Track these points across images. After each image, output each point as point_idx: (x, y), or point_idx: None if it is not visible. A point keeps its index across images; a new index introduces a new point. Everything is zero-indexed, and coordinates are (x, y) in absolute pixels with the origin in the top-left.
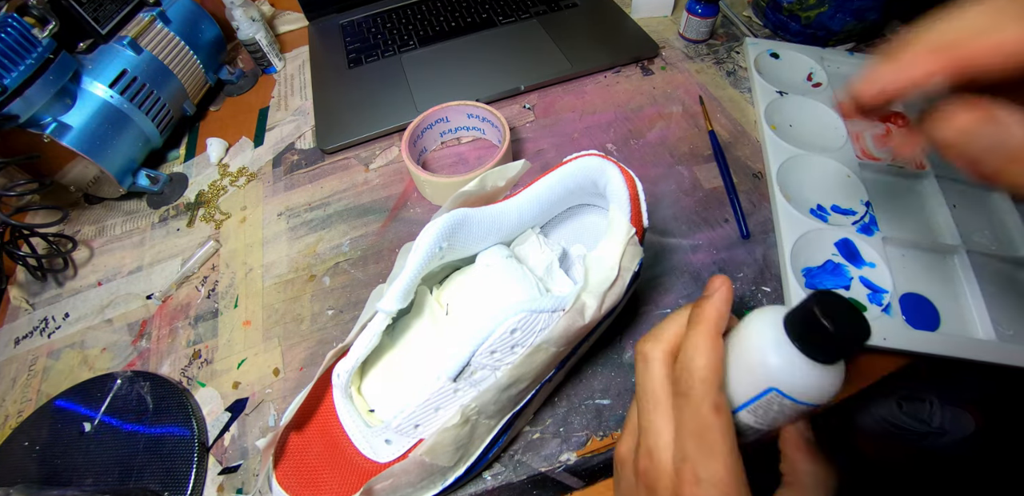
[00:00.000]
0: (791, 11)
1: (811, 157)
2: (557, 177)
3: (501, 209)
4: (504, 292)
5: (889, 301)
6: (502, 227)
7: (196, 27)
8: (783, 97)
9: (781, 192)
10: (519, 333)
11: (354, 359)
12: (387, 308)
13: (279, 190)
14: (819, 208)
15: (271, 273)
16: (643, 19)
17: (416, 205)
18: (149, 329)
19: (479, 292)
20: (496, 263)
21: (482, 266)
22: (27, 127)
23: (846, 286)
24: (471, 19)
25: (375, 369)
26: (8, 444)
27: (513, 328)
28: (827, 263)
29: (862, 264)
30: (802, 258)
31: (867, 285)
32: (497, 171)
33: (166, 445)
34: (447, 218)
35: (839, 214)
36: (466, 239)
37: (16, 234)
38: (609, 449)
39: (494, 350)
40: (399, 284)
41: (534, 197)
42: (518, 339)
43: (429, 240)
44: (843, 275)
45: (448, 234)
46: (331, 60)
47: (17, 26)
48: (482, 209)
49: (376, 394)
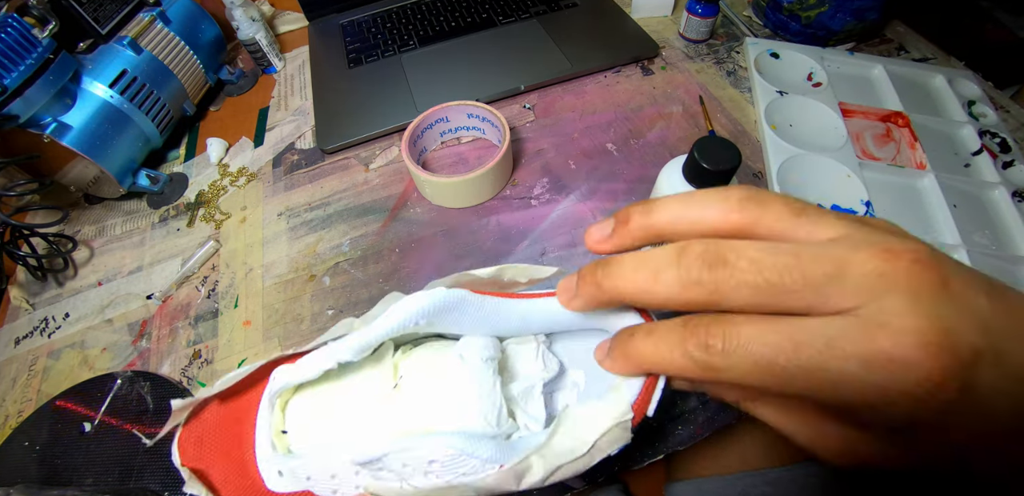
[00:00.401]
0: (791, 11)
1: (811, 157)
2: (581, 308)
3: (508, 306)
4: (456, 404)
5: None
6: (498, 324)
7: (196, 27)
8: (783, 97)
9: (781, 192)
10: (437, 465)
11: (295, 376)
12: (341, 355)
13: (279, 190)
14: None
15: (271, 273)
16: (643, 19)
17: (416, 205)
18: (149, 329)
19: (434, 387)
20: (472, 363)
21: (456, 357)
22: (27, 127)
23: None
24: (471, 19)
25: (309, 392)
26: (8, 444)
27: (432, 460)
28: None
29: None
30: None
31: None
32: (522, 269)
33: (166, 445)
34: (437, 299)
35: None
36: (453, 324)
37: (16, 234)
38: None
39: (406, 464)
40: (359, 339)
41: (553, 311)
42: (435, 469)
43: (407, 314)
44: None
45: (432, 314)
46: (331, 60)
47: (17, 26)
48: (484, 298)
49: (296, 418)
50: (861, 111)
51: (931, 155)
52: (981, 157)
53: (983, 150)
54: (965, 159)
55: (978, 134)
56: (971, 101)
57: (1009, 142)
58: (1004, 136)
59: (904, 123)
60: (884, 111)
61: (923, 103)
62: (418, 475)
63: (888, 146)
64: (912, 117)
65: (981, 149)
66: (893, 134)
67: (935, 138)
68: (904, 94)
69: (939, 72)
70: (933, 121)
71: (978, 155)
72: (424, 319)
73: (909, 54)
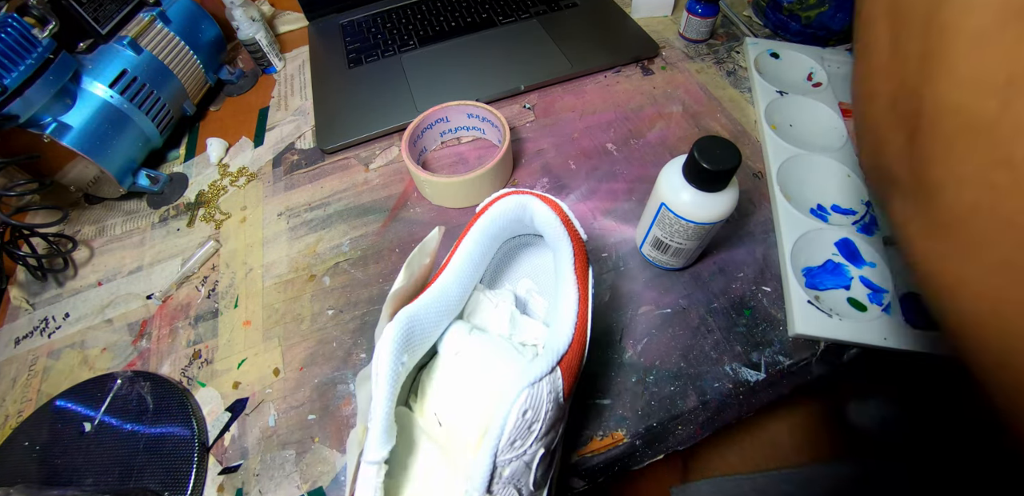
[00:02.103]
0: (791, 11)
1: (811, 157)
2: (480, 229)
3: (440, 287)
4: (491, 373)
5: (889, 301)
6: (450, 303)
7: (196, 27)
8: (783, 97)
9: (781, 192)
10: (531, 412)
11: None
12: (376, 458)
13: (279, 190)
14: (819, 208)
15: (271, 273)
16: (643, 19)
17: (416, 205)
18: (149, 329)
19: (464, 387)
20: (464, 347)
21: (450, 356)
22: (27, 127)
23: (846, 286)
24: (471, 19)
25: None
26: (8, 444)
27: (524, 409)
28: (827, 263)
29: (862, 264)
30: (802, 258)
31: (867, 285)
32: (416, 252)
33: (166, 445)
34: (394, 328)
35: (839, 214)
36: (421, 338)
37: (16, 234)
38: (609, 449)
39: (513, 440)
40: (376, 425)
41: (466, 257)
42: (531, 417)
43: (388, 362)
44: (843, 275)
45: (403, 346)
46: (331, 60)
47: (17, 26)
48: (421, 298)
49: None
50: None
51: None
52: None
53: None
54: None
55: None
56: None
57: None
58: None
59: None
60: None
61: None
62: (527, 438)
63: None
64: None
65: None
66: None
67: None
68: None
69: None
70: None
71: None
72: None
73: None
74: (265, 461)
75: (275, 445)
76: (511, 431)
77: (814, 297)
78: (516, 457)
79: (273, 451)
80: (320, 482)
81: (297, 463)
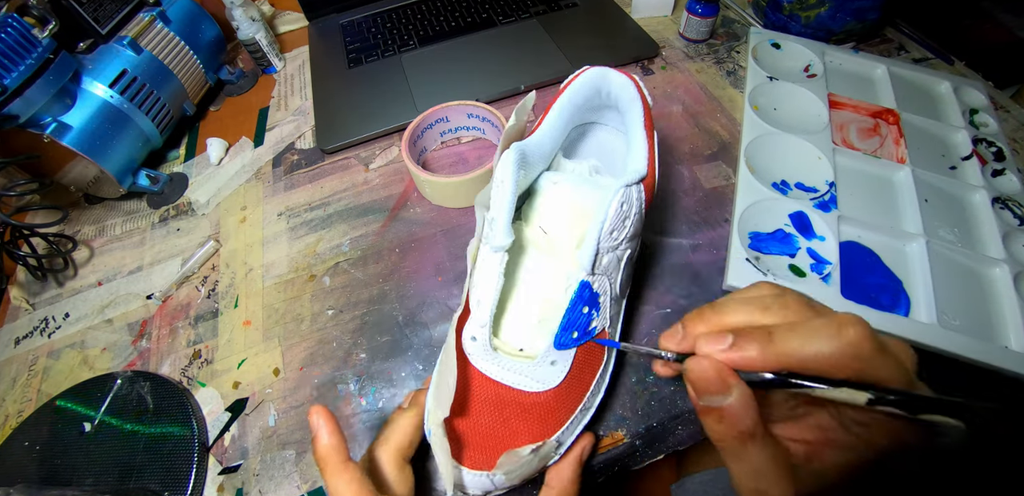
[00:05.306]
0: (791, 11)
1: (784, 136)
2: (567, 96)
3: (537, 138)
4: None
5: (830, 272)
6: (543, 152)
7: (196, 27)
8: (772, 82)
9: (747, 164)
10: (625, 206)
11: (488, 308)
12: (500, 243)
13: (279, 190)
14: (783, 183)
15: (271, 273)
16: (643, 19)
17: (416, 205)
18: (149, 329)
19: (564, 205)
20: (561, 179)
21: (550, 186)
22: (27, 127)
23: (791, 254)
24: (471, 19)
25: (503, 316)
26: (8, 444)
27: (621, 202)
28: (778, 231)
29: (812, 237)
30: (752, 222)
31: (812, 256)
32: (520, 106)
33: (166, 445)
34: (515, 150)
35: (801, 190)
36: (528, 167)
37: (16, 234)
38: (609, 449)
39: (612, 229)
40: (500, 219)
41: (556, 118)
42: (626, 211)
43: (510, 170)
44: (791, 244)
45: (519, 164)
46: (331, 60)
47: (17, 26)
48: (527, 140)
49: (515, 335)
50: (851, 104)
51: (916, 154)
52: (969, 163)
53: (973, 155)
54: (952, 162)
55: (972, 141)
56: (974, 109)
57: (1005, 152)
58: (1001, 146)
59: (894, 120)
60: (876, 107)
61: (921, 105)
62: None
63: (872, 139)
64: (903, 116)
65: (971, 155)
66: (880, 130)
67: (925, 139)
68: (902, 94)
69: (946, 79)
70: (927, 123)
71: (967, 160)
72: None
73: (909, 54)
74: (265, 461)
75: (275, 445)
76: (612, 218)
77: (754, 258)
78: (612, 247)
79: (273, 451)
80: (320, 482)
81: (297, 463)
